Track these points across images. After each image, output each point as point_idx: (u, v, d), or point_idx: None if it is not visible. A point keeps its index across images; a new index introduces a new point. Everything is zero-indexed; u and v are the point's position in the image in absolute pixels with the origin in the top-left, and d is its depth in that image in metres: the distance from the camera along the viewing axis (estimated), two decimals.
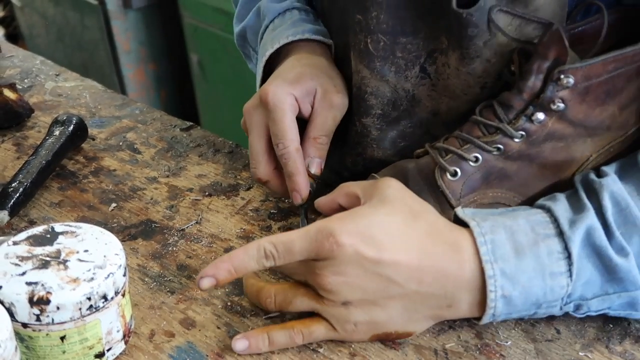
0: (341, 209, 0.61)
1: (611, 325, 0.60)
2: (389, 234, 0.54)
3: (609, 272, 0.54)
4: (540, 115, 0.59)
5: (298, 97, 0.66)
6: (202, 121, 2.27)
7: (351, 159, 0.75)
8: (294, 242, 0.53)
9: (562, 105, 0.59)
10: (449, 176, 0.61)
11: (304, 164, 0.67)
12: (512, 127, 0.60)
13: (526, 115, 0.60)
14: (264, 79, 0.74)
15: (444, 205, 0.61)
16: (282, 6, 0.77)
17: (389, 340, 0.57)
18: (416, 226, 0.55)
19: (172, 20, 2.16)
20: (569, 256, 0.54)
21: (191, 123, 0.92)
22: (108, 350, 0.55)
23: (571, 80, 0.57)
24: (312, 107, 0.68)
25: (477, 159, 0.61)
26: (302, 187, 0.66)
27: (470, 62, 0.62)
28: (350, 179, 0.71)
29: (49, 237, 0.56)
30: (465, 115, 0.66)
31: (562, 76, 0.58)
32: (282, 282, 0.58)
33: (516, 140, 0.60)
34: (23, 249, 0.54)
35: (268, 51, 0.73)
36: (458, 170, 0.61)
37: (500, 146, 0.61)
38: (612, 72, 0.58)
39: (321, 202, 0.63)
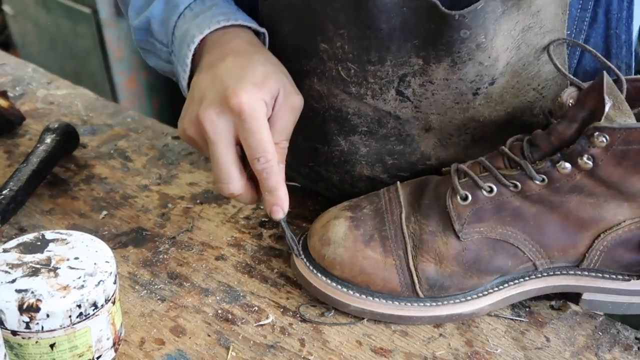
0: None
1: (600, 334, 0.60)
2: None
3: None
4: (567, 165, 0.56)
5: (267, 102, 0.60)
6: None
7: (338, 177, 0.73)
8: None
9: (590, 163, 0.55)
10: (458, 199, 0.60)
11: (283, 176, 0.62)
12: (533, 168, 0.58)
13: (551, 161, 0.57)
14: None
15: (447, 225, 0.60)
16: None
17: None
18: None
19: None
20: None
21: None
22: (98, 358, 0.54)
23: (605, 140, 0.54)
24: (273, 109, 0.62)
25: (491, 190, 0.59)
26: (284, 201, 0.62)
27: (462, 66, 0.61)
28: (339, 195, 0.71)
29: (40, 245, 0.55)
30: (460, 128, 0.65)
31: (596, 133, 0.54)
32: None
33: (536, 182, 0.57)
34: (13, 257, 0.54)
35: (197, 37, 0.64)
36: (469, 195, 0.59)
37: (518, 183, 0.58)
38: None
39: None
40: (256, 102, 0.59)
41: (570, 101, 0.60)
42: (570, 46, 0.64)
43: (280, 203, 0.62)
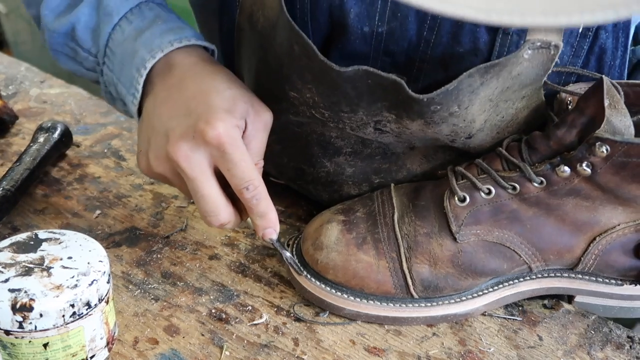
0: None
1: (593, 332, 0.60)
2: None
3: None
4: (566, 169, 0.56)
5: (240, 127, 0.57)
6: None
7: (327, 195, 0.73)
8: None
9: (589, 170, 0.55)
10: (456, 200, 0.60)
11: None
12: (532, 170, 0.58)
13: (551, 164, 0.57)
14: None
15: (442, 226, 0.60)
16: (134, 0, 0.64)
17: None
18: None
19: None
20: None
21: None
22: (91, 357, 0.54)
23: (605, 151, 0.54)
24: (245, 130, 0.58)
25: (489, 192, 0.59)
26: (276, 222, 0.60)
27: (435, 126, 0.59)
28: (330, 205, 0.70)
29: (33, 244, 0.55)
30: (445, 147, 0.64)
31: (597, 143, 0.54)
32: None
33: (535, 184, 0.58)
34: (6, 256, 0.54)
35: (148, 61, 0.61)
36: (467, 197, 0.59)
37: (517, 185, 0.58)
38: None
39: None
40: (233, 131, 0.56)
41: (569, 99, 0.60)
42: (564, 76, 0.63)
43: (272, 225, 0.60)
